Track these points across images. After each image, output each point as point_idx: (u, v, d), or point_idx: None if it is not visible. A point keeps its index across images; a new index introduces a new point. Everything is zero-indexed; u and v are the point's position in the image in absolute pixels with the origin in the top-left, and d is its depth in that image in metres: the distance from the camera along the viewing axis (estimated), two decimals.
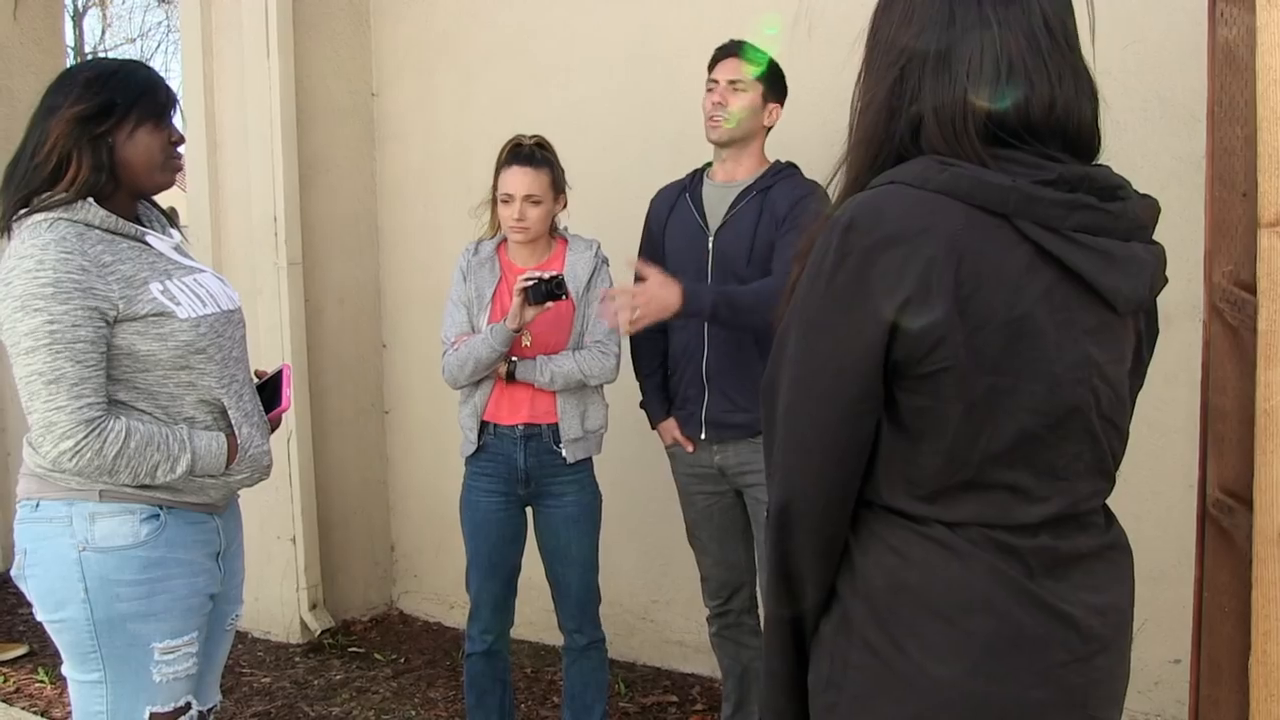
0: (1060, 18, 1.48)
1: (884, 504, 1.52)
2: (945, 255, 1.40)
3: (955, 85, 1.46)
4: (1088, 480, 1.54)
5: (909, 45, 1.49)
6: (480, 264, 3.42)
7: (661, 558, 4.47)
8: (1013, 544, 1.47)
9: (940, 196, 1.42)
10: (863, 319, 1.43)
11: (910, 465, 1.49)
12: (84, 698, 2.40)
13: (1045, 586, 1.47)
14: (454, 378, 3.37)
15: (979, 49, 1.45)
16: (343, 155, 5.10)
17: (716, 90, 3.29)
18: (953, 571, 1.47)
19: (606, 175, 4.27)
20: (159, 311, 2.32)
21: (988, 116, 1.45)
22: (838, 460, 1.50)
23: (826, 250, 1.45)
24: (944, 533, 1.48)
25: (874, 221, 1.42)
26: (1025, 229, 1.42)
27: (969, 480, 1.47)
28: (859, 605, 1.52)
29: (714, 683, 4.35)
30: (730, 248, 3.28)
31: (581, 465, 3.46)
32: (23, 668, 4.70)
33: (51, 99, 2.37)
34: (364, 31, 5.15)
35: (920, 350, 1.42)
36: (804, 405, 1.50)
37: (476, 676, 3.57)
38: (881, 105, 1.52)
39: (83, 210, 2.30)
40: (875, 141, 1.53)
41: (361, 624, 5.21)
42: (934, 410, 1.45)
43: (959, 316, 1.40)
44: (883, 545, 1.51)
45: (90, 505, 2.33)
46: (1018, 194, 1.41)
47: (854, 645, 1.51)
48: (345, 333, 5.15)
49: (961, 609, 1.46)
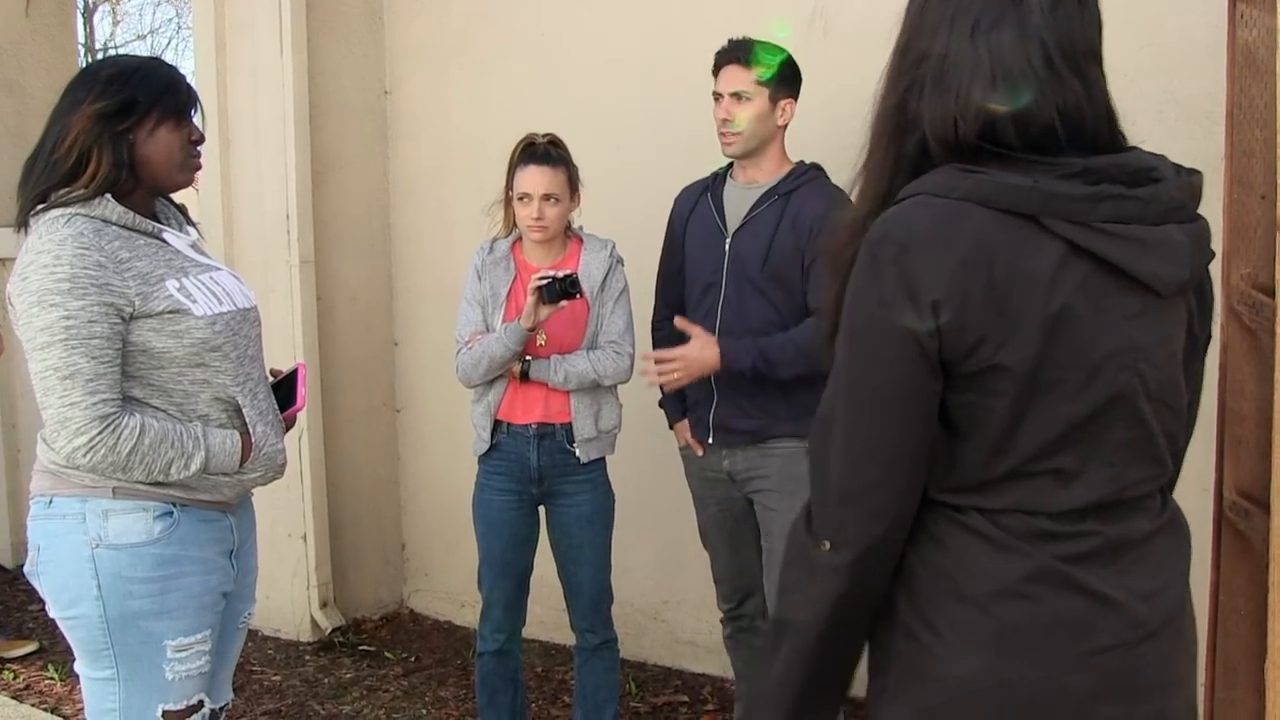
0: (1061, 37, 1.49)
1: (929, 495, 1.55)
2: (975, 258, 1.43)
3: (947, 110, 1.50)
4: (1138, 465, 1.55)
5: (909, 72, 1.55)
6: (495, 262, 3.42)
7: (673, 558, 4.46)
8: (1054, 530, 1.50)
9: (965, 204, 1.45)
10: (911, 324, 1.45)
11: (955, 458, 1.52)
12: (96, 695, 2.40)
13: (1089, 571, 1.50)
14: (468, 376, 3.37)
15: (968, 77, 1.49)
16: (355, 153, 5.09)
17: (721, 104, 3.24)
18: (987, 560, 1.50)
19: (621, 175, 4.26)
20: (175, 309, 2.32)
21: (980, 130, 1.48)
22: (911, 470, 1.51)
23: (865, 267, 1.49)
24: (982, 522, 1.51)
25: (904, 232, 1.47)
26: (1053, 226, 1.44)
27: (1012, 470, 1.50)
28: (901, 593, 1.56)
29: (725, 683, 4.34)
30: (746, 250, 3.25)
31: (595, 465, 3.45)
32: (32, 664, 4.71)
33: (73, 95, 2.36)
34: (377, 29, 5.14)
35: (962, 350, 1.45)
36: (876, 425, 1.51)
37: (488, 676, 3.56)
38: (891, 132, 1.57)
39: (100, 206, 2.30)
40: (888, 161, 1.57)
41: (372, 622, 5.21)
42: (980, 405, 1.49)
43: (996, 316, 1.44)
44: (926, 536, 1.55)
45: (104, 502, 2.32)
46: (1039, 193, 1.44)
47: (896, 633, 1.56)
48: (357, 330, 5.15)
49: (994, 596, 1.49)
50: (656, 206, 3.58)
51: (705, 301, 3.34)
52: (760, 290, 3.24)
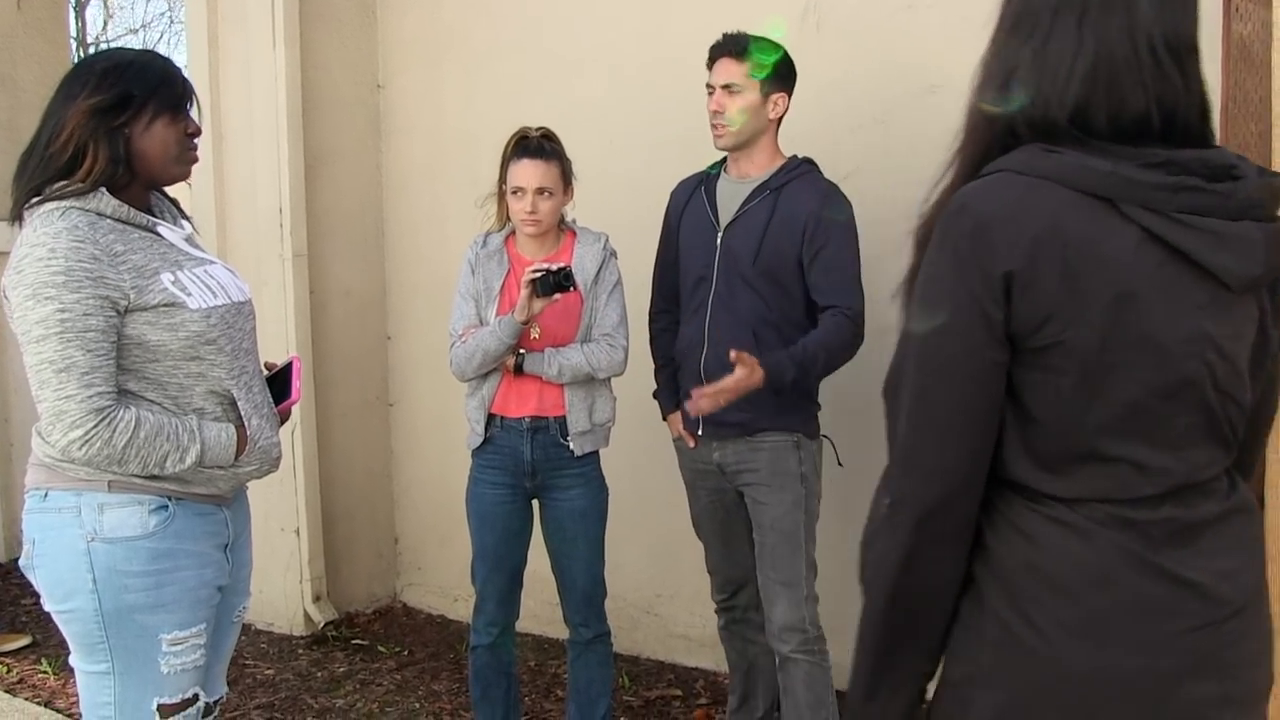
0: (1167, 30, 1.52)
1: (1007, 478, 1.59)
2: (1051, 234, 1.48)
3: (1041, 93, 1.54)
4: (1204, 449, 1.58)
5: (1014, 54, 1.58)
6: (489, 256, 3.42)
7: (666, 552, 4.47)
8: (1133, 517, 1.54)
9: (1045, 182, 1.50)
10: (980, 293, 1.50)
11: (1027, 437, 1.56)
12: (91, 688, 2.40)
13: (1169, 556, 1.53)
14: (461, 370, 3.37)
15: (1070, 62, 1.53)
16: (348, 147, 5.09)
17: (713, 97, 3.25)
18: (1076, 549, 1.54)
19: (614, 170, 4.26)
20: (170, 302, 2.31)
21: (1071, 120, 1.52)
22: (975, 437, 1.56)
23: (943, 235, 1.55)
24: (1065, 512, 1.55)
25: (982, 205, 1.52)
26: (1129, 211, 1.48)
27: (1085, 452, 1.54)
28: (993, 583, 1.59)
29: (718, 676, 4.35)
30: (738, 245, 3.26)
31: (589, 458, 3.45)
32: (26, 658, 4.70)
33: (68, 89, 2.36)
34: (370, 23, 5.14)
35: (1031, 325, 1.50)
36: (935, 387, 1.56)
37: (481, 669, 3.57)
38: (978, 109, 1.61)
39: (95, 199, 2.29)
40: (983, 138, 1.61)
41: (365, 616, 5.21)
42: (1046, 383, 1.52)
43: (1067, 294, 1.48)
44: (1011, 528, 1.59)
45: (99, 496, 2.32)
46: (1118, 178, 1.48)
47: (988, 621, 1.59)
48: (350, 325, 5.15)
49: (1086, 584, 1.53)
50: (650, 200, 3.59)
51: (697, 295, 3.35)
52: (751, 285, 3.25)
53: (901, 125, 3.88)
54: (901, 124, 3.88)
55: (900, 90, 3.86)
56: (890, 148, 3.88)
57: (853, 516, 4.20)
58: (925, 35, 3.80)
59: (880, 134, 3.91)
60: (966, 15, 3.71)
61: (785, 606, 3.29)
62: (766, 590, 3.35)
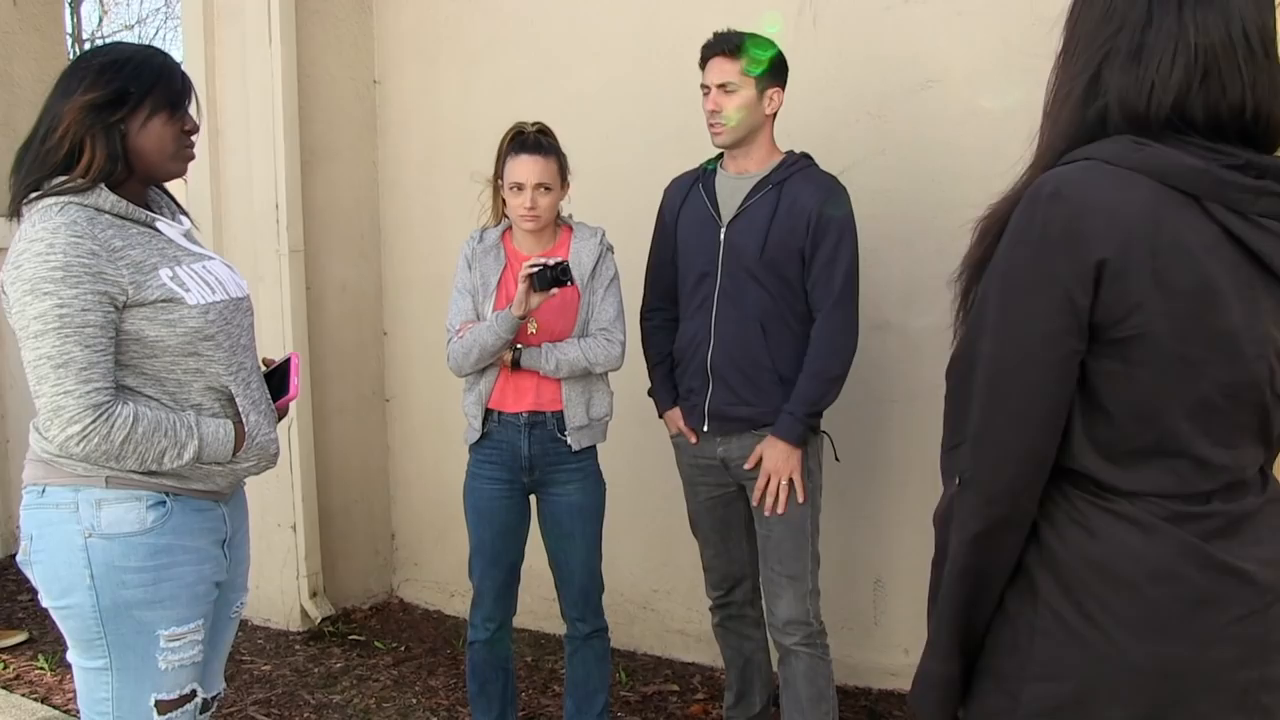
0: (1259, 22, 1.53)
1: (1070, 466, 1.60)
2: (1142, 224, 1.49)
3: (1143, 81, 1.53)
4: (1251, 449, 1.61)
5: (1107, 41, 1.57)
6: (485, 251, 3.41)
7: (663, 547, 4.47)
8: (1186, 511, 1.56)
9: (1134, 173, 1.50)
10: (1069, 280, 1.50)
11: (1094, 429, 1.57)
12: (89, 684, 2.40)
13: (1221, 547, 1.56)
14: (459, 365, 3.37)
15: (1171, 49, 1.52)
16: (345, 143, 5.09)
17: (709, 96, 3.25)
18: (1137, 544, 1.55)
19: (610, 165, 4.26)
20: (168, 297, 2.31)
21: (1170, 112, 1.52)
22: (1047, 421, 1.57)
23: (1031, 219, 1.54)
24: (1126, 506, 1.57)
25: (1077, 192, 1.51)
26: (1213, 210, 1.49)
27: (1152, 446, 1.55)
28: (1046, 576, 1.61)
29: (715, 672, 4.36)
30: (743, 239, 3.27)
31: (586, 453, 3.45)
32: (23, 654, 4.70)
33: (65, 84, 2.35)
34: (366, 19, 5.13)
35: (1118, 314, 1.50)
36: (1012, 370, 1.57)
37: (478, 665, 3.57)
38: (1079, 97, 1.59)
39: (93, 195, 2.29)
40: (1071, 127, 1.60)
41: (362, 612, 5.21)
42: (1123, 375, 1.54)
43: (1154, 286, 1.48)
44: (1068, 519, 1.60)
45: (96, 491, 2.32)
46: (1209, 176, 1.49)
47: (1041, 614, 1.60)
48: (346, 320, 5.15)
49: (1146, 578, 1.54)
50: (646, 196, 3.59)
51: (700, 291, 3.35)
52: (756, 278, 3.25)
53: (897, 120, 3.89)
54: (897, 118, 3.89)
55: (896, 85, 3.87)
56: (886, 142, 3.89)
57: (850, 511, 4.23)
58: (921, 30, 3.81)
59: (876, 128, 3.92)
60: (961, 10, 3.75)
61: (790, 600, 3.30)
62: (770, 584, 3.35)
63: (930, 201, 3.81)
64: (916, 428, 3.91)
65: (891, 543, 4.11)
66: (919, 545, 4.02)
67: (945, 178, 3.77)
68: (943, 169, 3.78)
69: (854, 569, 4.17)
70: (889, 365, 3.94)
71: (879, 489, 4.08)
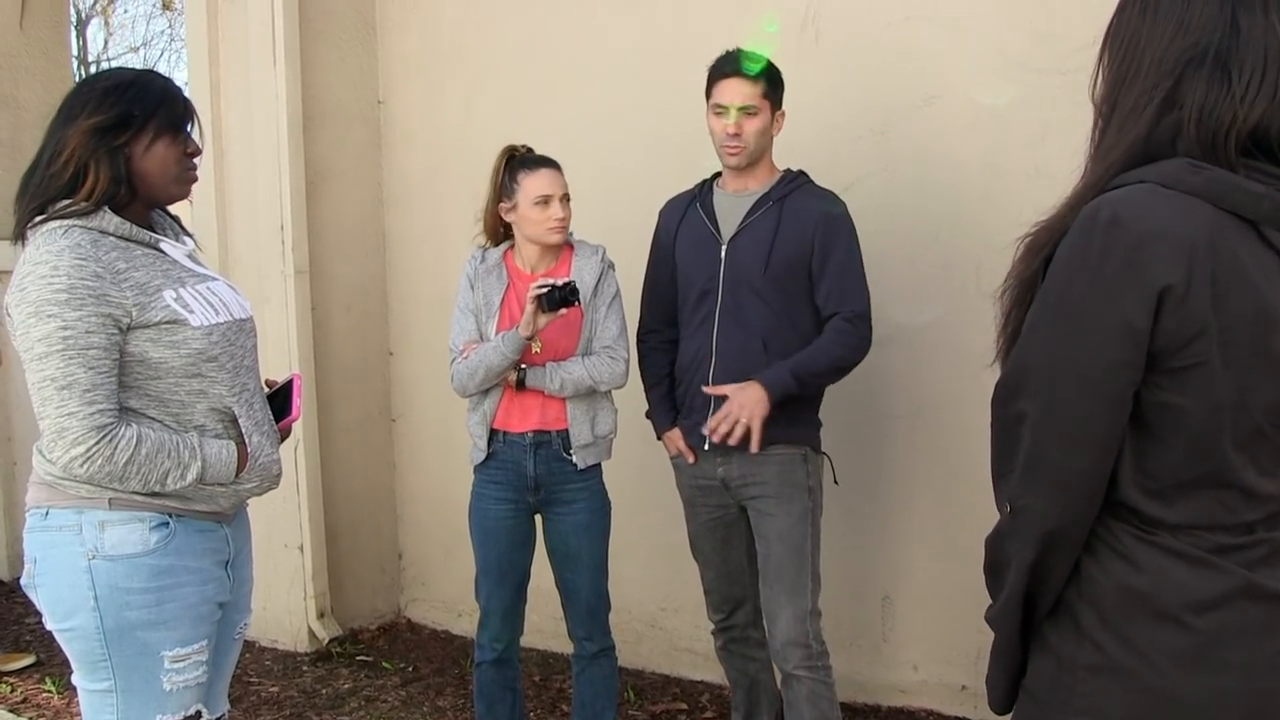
0: None
1: (1114, 498, 1.56)
2: (1205, 251, 1.43)
3: (1231, 94, 1.47)
4: None
5: (1184, 54, 1.51)
6: (488, 271, 3.41)
7: (670, 564, 4.46)
8: (1231, 543, 1.52)
9: (1192, 198, 1.45)
10: (1130, 309, 1.45)
11: (1144, 459, 1.53)
12: (94, 706, 2.40)
13: (1265, 575, 1.52)
14: (463, 386, 3.36)
15: (1262, 60, 1.47)
16: (349, 162, 5.10)
17: (728, 118, 3.22)
18: (1183, 577, 1.52)
19: (613, 183, 4.27)
20: (172, 319, 2.32)
21: (1254, 129, 1.47)
22: (1101, 452, 1.53)
23: (1088, 246, 1.48)
24: (1170, 539, 1.53)
25: (1138, 216, 1.45)
26: (1271, 237, 1.46)
27: (1202, 477, 1.52)
28: (1087, 610, 1.58)
29: (723, 690, 4.34)
30: (746, 257, 3.27)
31: (591, 471, 3.45)
32: (30, 677, 4.70)
33: (69, 108, 2.37)
34: (370, 39, 5.15)
35: (1178, 342, 1.46)
36: (1071, 401, 1.52)
37: (486, 685, 3.56)
38: (1153, 113, 1.53)
39: (98, 217, 2.30)
40: (1137, 145, 1.54)
41: (369, 632, 5.20)
42: (1178, 406, 1.50)
43: (1216, 314, 1.45)
44: (1109, 551, 1.57)
45: (100, 513, 2.32)
46: (1270, 202, 1.45)
47: (1083, 647, 1.57)
48: (352, 340, 5.15)
49: (1191, 610, 1.51)
50: (648, 213, 3.59)
51: (701, 309, 3.35)
52: (759, 295, 3.25)
53: (900, 136, 3.89)
54: (900, 135, 3.89)
55: (899, 101, 3.87)
56: (889, 158, 3.90)
57: (856, 527, 4.21)
58: (923, 46, 3.81)
59: (879, 145, 3.92)
60: (964, 26, 3.76)
61: (788, 621, 3.27)
62: (769, 605, 3.33)
63: (933, 216, 3.81)
64: (921, 442, 3.90)
65: (899, 559, 4.09)
66: (926, 561, 4.05)
67: (948, 192, 3.77)
68: (946, 183, 3.78)
69: (861, 585, 4.16)
70: (893, 380, 3.94)
71: (885, 505, 4.07)
